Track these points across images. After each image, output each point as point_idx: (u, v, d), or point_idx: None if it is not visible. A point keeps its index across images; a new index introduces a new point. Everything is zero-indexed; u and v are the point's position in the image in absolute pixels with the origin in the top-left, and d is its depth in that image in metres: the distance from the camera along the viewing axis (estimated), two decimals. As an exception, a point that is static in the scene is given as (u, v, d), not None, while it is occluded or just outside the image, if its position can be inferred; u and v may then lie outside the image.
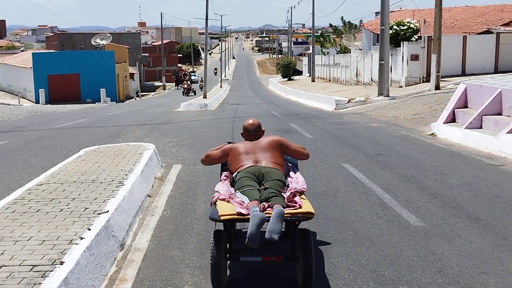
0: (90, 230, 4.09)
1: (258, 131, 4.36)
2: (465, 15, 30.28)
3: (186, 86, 42.14)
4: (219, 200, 3.78)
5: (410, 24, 26.11)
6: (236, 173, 4.09)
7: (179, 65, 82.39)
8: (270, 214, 3.45)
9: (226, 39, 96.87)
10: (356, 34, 40.00)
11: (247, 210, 3.53)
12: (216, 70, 74.04)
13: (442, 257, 4.14)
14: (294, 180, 4.05)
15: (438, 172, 7.23)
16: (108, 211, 4.58)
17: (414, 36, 25.54)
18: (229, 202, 3.71)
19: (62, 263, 3.40)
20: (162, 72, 59.93)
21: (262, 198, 3.69)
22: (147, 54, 69.00)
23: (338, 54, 41.00)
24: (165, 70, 61.10)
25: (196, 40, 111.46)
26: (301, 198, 3.76)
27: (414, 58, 24.29)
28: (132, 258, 4.26)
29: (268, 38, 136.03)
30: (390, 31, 22.62)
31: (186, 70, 66.22)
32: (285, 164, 4.34)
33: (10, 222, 4.38)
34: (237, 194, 3.80)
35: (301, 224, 3.96)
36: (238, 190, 3.84)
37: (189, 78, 44.25)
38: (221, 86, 51.96)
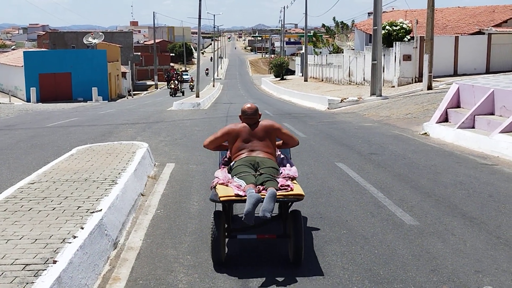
0: (83, 228, 4.04)
1: (255, 115, 4.70)
2: (457, 16, 30.51)
3: (173, 86, 37.80)
4: (219, 184, 4.15)
5: (402, 24, 26.24)
6: (233, 162, 4.47)
7: (172, 64, 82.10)
8: (265, 195, 3.84)
9: (218, 39, 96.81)
10: (348, 34, 40.12)
11: (244, 192, 3.92)
12: (207, 70, 73.05)
13: (436, 255, 4.15)
14: (287, 168, 4.44)
15: (431, 171, 7.26)
16: (101, 210, 4.53)
17: (407, 36, 25.67)
18: (227, 186, 4.09)
19: (55, 262, 3.36)
20: (154, 71, 59.68)
21: (258, 182, 4.07)
22: (139, 53, 68.62)
23: (330, 54, 41.10)
24: (157, 69, 60.82)
25: (188, 39, 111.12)
26: (293, 182, 4.13)
27: (407, 58, 24.41)
28: (125, 257, 4.22)
29: (260, 38, 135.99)
30: (382, 31, 22.72)
31: (178, 70, 65.83)
32: (279, 155, 4.74)
33: (2, 220, 4.32)
34: (234, 179, 4.17)
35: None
36: (235, 176, 4.21)
37: (176, 77, 38.82)
38: (213, 86, 51.89)
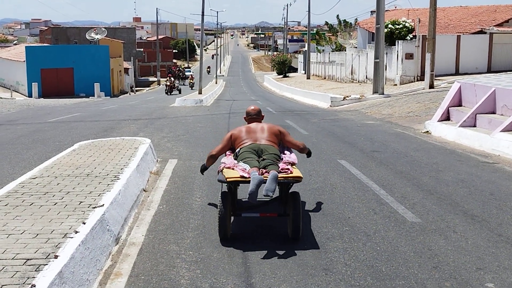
0: (85, 224, 4.04)
1: (258, 115, 5.26)
2: (459, 15, 30.43)
3: (169, 83, 35.76)
4: (225, 168, 4.57)
5: (405, 23, 26.17)
6: (238, 149, 4.84)
7: (174, 60, 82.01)
8: (267, 177, 4.26)
9: (221, 36, 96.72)
10: (351, 33, 40.06)
11: (248, 174, 4.34)
12: (209, 68, 72.41)
13: (438, 253, 4.14)
14: (287, 155, 4.84)
15: (433, 169, 7.25)
16: (103, 205, 4.53)
17: (409, 35, 25.60)
18: (233, 169, 4.50)
19: (56, 257, 3.36)
20: (157, 67, 59.64)
21: (261, 166, 4.48)
22: (142, 49, 68.60)
23: (333, 52, 41.04)
24: (160, 66, 60.79)
25: (191, 36, 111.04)
26: (292, 167, 4.55)
27: (409, 56, 24.36)
28: (127, 253, 4.22)
29: (263, 35, 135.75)
30: (385, 30, 22.66)
31: (181, 66, 65.64)
32: (281, 145, 5.08)
33: (3, 215, 4.32)
34: (240, 163, 4.58)
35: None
36: (241, 161, 4.62)
37: (173, 74, 38.46)
38: (216, 82, 51.81)
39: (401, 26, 26.02)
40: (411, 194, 5.87)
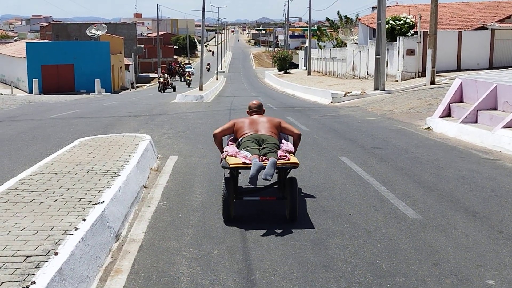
0: (85, 220, 4.04)
1: (260, 109, 5.67)
2: (460, 11, 30.32)
3: (162, 80, 33.72)
4: (228, 155, 4.93)
5: (406, 19, 26.07)
6: (240, 138, 5.23)
7: (175, 56, 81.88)
8: (267, 163, 4.63)
9: (222, 32, 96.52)
10: (352, 29, 39.92)
11: (250, 161, 4.71)
12: (209, 65, 71.83)
13: (439, 249, 4.13)
14: (285, 144, 5.24)
15: (434, 165, 7.23)
16: (103, 202, 4.53)
17: (410, 31, 25.51)
18: (235, 157, 4.87)
19: (56, 254, 3.35)
20: (157, 63, 59.54)
21: (261, 154, 4.85)
22: (143, 46, 68.51)
23: (334, 48, 40.93)
24: (160, 62, 60.71)
25: (192, 32, 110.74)
26: (290, 155, 4.93)
27: (410, 53, 24.28)
28: (127, 249, 4.22)
29: (264, 31, 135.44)
30: (386, 26, 22.58)
31: (181, 62, 65.48)
32: (280, 135, 5.49)
33: (3, 212, 4.32)
34: (242, 151, 4.95)
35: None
36: (243, 149, 4.98)
37: (171, 71, 36.83)
38: (217, 79, 51.74)
39: (402, 22, 25.92)
40: (412, 191, 5.86)
